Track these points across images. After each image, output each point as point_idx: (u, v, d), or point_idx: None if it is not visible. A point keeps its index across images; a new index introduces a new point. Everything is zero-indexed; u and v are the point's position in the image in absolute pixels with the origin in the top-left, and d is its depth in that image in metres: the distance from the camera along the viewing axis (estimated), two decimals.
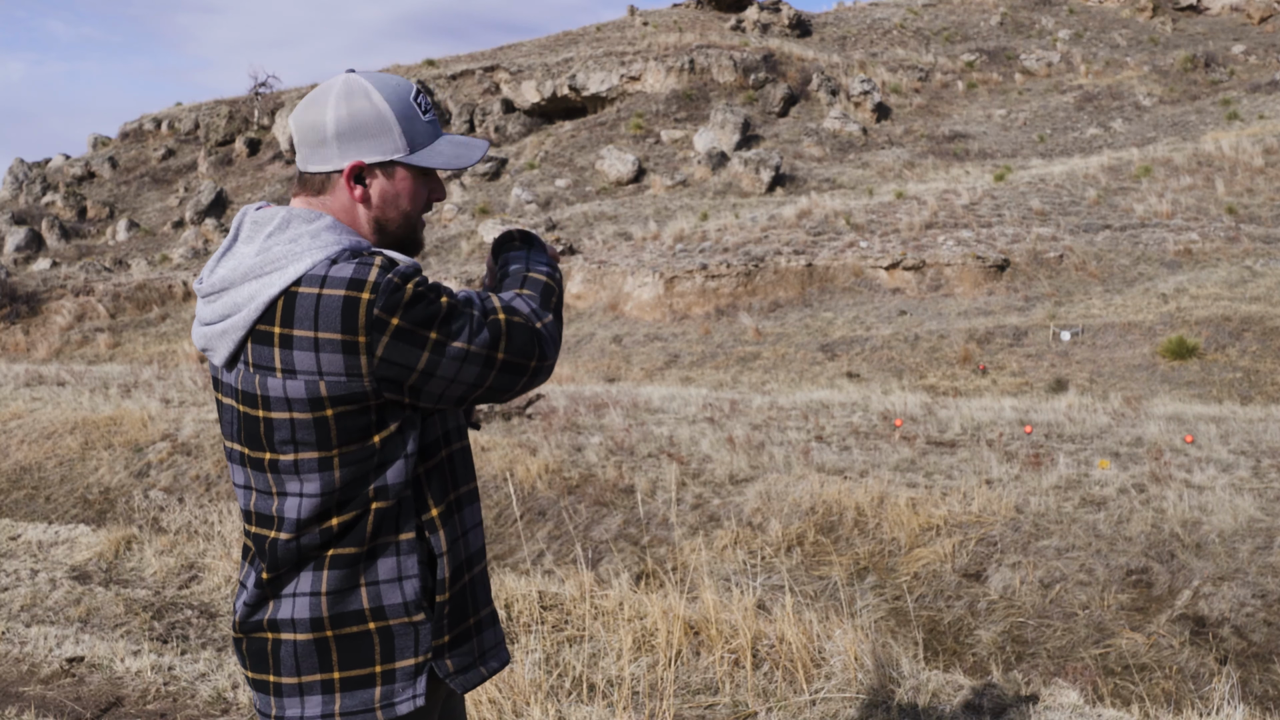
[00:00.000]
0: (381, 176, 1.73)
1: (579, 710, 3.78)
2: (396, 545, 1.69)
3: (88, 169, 50.26)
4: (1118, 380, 17.45)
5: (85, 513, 10.15)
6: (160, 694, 4.26)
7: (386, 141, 1.71)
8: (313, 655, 1.67)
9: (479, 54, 55.18)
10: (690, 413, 11.77)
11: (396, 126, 1.71)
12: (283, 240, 1.66)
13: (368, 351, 1.59)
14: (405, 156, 1.72)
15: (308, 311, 1.60)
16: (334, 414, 1.63)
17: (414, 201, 1.76)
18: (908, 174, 37.53)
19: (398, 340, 1.59)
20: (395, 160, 1.72)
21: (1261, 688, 5.31)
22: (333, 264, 1.62)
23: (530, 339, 1.67)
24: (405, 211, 1.76)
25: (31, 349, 29.69)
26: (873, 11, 58.91)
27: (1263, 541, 6.48)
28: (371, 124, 1.69)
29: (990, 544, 6.87)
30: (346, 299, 1.58)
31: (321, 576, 1.68)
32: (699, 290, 25.48)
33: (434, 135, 1.76)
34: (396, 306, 1.59)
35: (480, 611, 1.79)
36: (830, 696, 3.77)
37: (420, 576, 1.69)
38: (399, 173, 1.74)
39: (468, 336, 1.62)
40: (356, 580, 1.67)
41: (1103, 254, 24.64)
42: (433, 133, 1.76)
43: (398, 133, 1.71)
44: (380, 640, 1.68)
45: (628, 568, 7.22)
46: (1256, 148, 30.85)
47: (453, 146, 1.77)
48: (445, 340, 1.61)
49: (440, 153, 1.75)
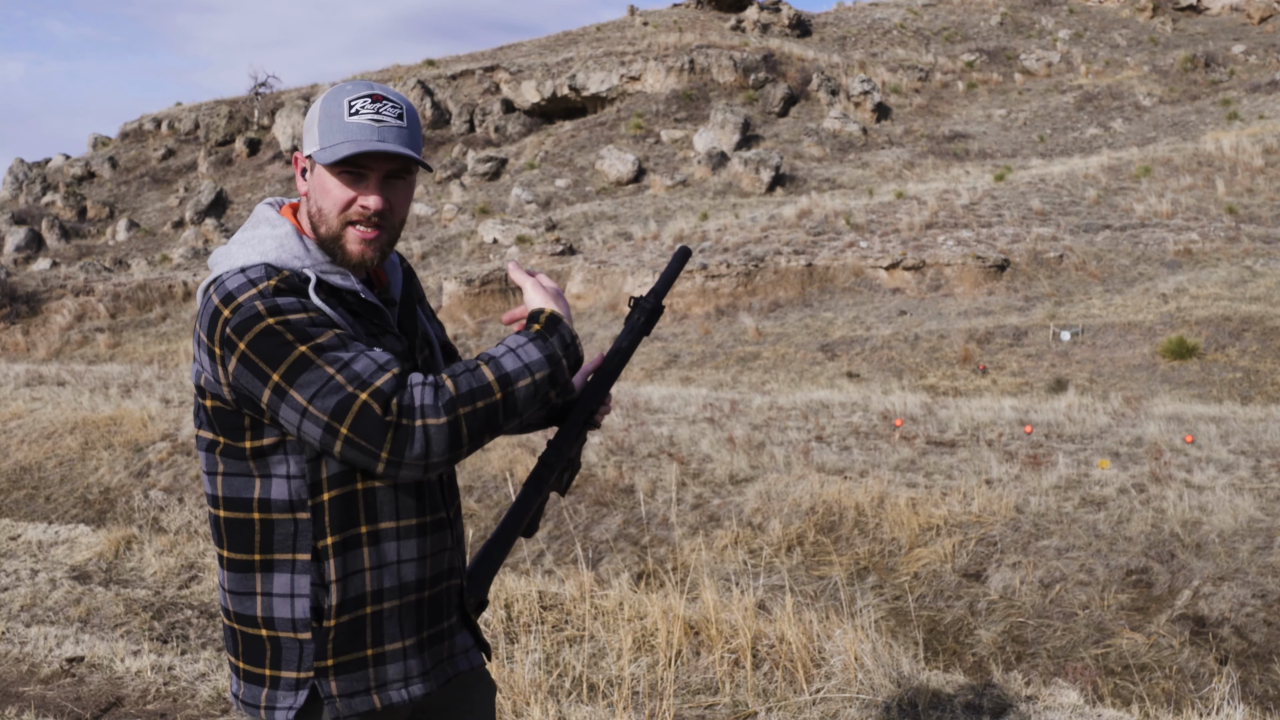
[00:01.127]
0: (312, 172, 1.76)
1: (579, 710, 3.78)
2: (292, 564, 1.72)
3: (88, 169, 50.27)
4: (1118, 380, 17.45)
5: (85, 513, 10.15)
6: (160, 694, 4.26)
7: (309, 137, 1.75)
8: (231, 639, 1.81)
9: (479, 54, 55.19)
10: (690, 413, 11.77)
11: (317, 125, 1.73)
12: (238, 240, 1.76)
13: (223, 364, 1.65)
14: (314, 151, 1.73)
15: (201, 310, 1.70)
16: (210, 405, 1.72)
17: (327, 198, 1.72)
18: (908, 174, 37.54)
19: (243, 366, 1.61)
20: (310, 155, 1.74)
21: (1261, 688, 5.31)
22: (237, 273, 1.68)
23: (381, 431, 1.56)
24: (321, 209, 1.73)
25: (31, 349, 29.70)
26: (873, 11, 58.92)
27: (1263, 541, 6.48)
28: (308, 121, 1.75)
29: (990, 544, 6.87)
30: (215, 310, 1.65)
31: (224, 575, 1.78)
32: (699, 290, 25.49)
33: (350, 135, 1.69)
34: (245, 333, 1.61)
35: (387, 644, 1.78)
36: (830, 696, 3.77)
37: (312, 597, 1.72)
38: (317, 169, 1.74)
39: (310, 395, 1.57)
40: (253, 587, 1.74)
41: (1103, 254, 24.65)
42: (352, 132, 1.69)
43: (316, 131, 1.73)
44: (270, 647, 1.75)
45: (628, 568, 7.22)
46: (1256, 148, 30.85)
47: (348, 146, 1.69)
48: (286, 388, 1.59)
49: (332, 151, 1.69)
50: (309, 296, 1.66)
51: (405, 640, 1.80)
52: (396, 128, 1.71)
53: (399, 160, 1.73)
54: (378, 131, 1.69)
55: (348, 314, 1.72)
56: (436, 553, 1.85)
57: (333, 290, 1.72)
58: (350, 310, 1.73)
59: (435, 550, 1.85)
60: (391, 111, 1.71)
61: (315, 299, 1.67)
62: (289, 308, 1.62)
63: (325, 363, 1.58)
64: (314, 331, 1.61)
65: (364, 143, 1.68)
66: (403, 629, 1.79)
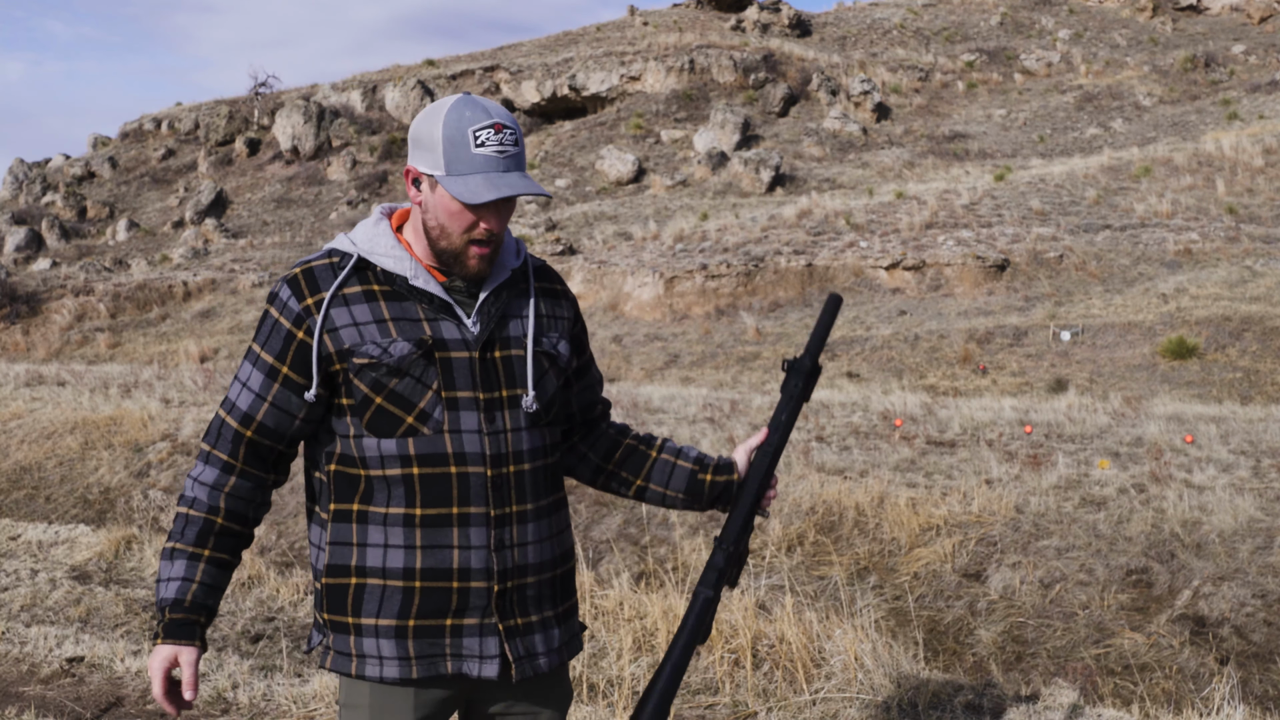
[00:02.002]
0: (428, 186, 1.86)
1: (579, 710, 3.78)
2: (318, 519, 1.95)
3: (88, 169, 50.26)
4: (1118, 380, 17.45)
5: (85, 513, 10.15)
6: None
7: (430, 157, 1.84)
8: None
9: (479, 54, 55.20)
10: (690, 413, 11.77)
11: (440, 146, 1.82)
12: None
13: None
14: (440, 175, 1.83)
15: None
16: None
17: (452, 219, 1.84)
18: (908, 174, 37.54)
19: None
20: (433, 175, 1.84)
21: (1261, 688, 5.31)
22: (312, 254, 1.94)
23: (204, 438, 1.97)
24: (442, 225, 1.85)
25: (31, 349, 29.70)
26: (873, 11, 58.92)
27: (1263, 541, 6.48)
28: (424, 138, 1.85)
29: (990, 544, 6.87)
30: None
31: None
32: (699, 290, 25.49)
33: (478, 167, 1.80)
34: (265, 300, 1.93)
35: (364, 618, 1.89)
36: (830, 696, 3.77)
37: (328, 555, 1.92)
38: (439, 189, 1.84)
39: (233, 380, 1.94)
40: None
41: (1103, 254, 24.65)
42: (480, 164, 1.81)
43: (439, 152, 1.82)
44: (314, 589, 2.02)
45: (628, 568, 7.22)
46: (1256, 148, 30.86)
47: (482, 183, 1.81)
48: (245, 355, 1.93)
49: (464, 184, 1.81)
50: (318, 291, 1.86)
51: (381, 620, 1.86)
52: (517, 156, 1.84)
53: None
54: (503, 163, 1.82)
55: (389, 298, 1.87)
56: (437, 547, 1.85)
57: (386, 274, 1.88)
58: (395, 294, 1.87)
59: (434, 544, 1.85)
60: (511, 139, 1.83)
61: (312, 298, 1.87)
62: (289, 294, 1.88)
63: (247, 361, 1.92)
64: (262, 332, 1.90)
65: (499, 183, 1.81)
66: (382, 609, 1.87)
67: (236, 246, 39.22)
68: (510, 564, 1.89)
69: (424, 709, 1.91)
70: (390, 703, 1.89)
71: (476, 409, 1.87)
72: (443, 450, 1.85)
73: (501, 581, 1.88)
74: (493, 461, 1.87)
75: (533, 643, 1.92)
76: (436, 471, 1.85)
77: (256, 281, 32.67)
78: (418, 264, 1.88)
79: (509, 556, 1.89)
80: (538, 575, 1.93)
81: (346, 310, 1.85)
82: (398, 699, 1.89)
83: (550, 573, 1.96)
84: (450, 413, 1.85)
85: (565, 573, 2.02)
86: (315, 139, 47.30)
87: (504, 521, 1.88)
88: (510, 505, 1.89)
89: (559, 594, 1.99)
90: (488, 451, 1.87)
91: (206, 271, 34.45)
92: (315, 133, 47.34)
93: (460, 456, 1.86)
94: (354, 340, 1.84)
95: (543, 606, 1.95)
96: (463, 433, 1.86)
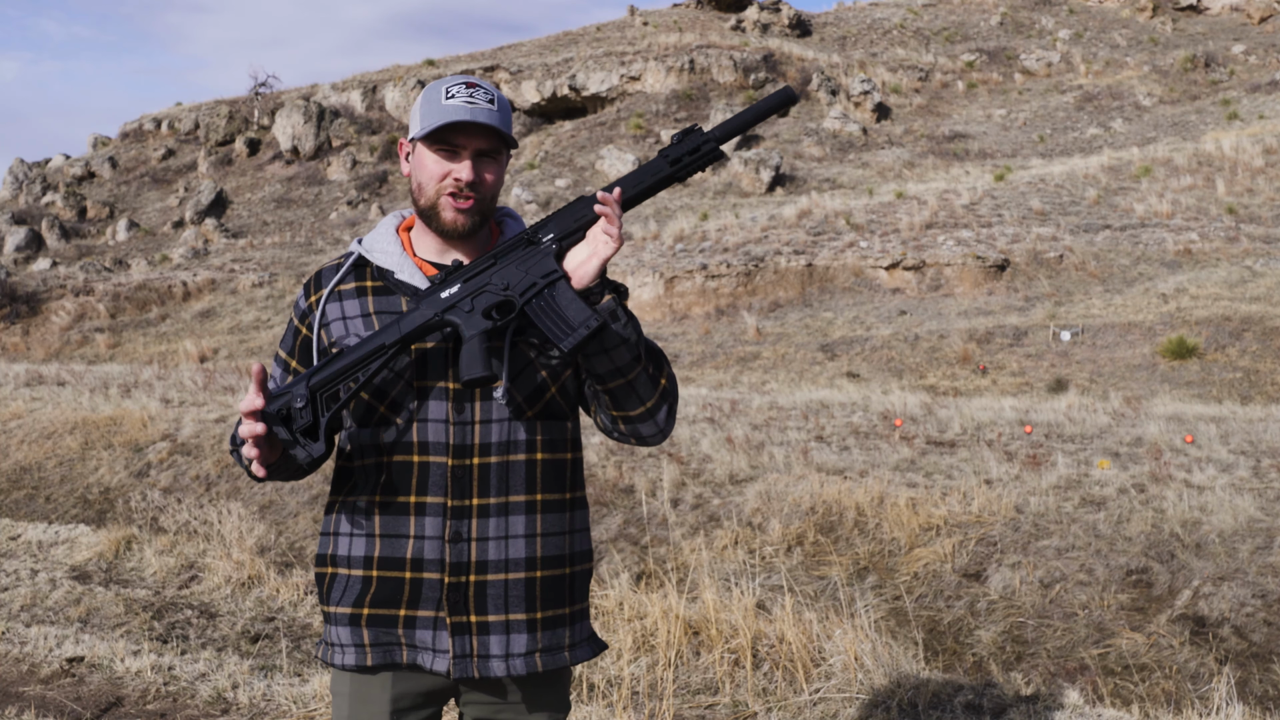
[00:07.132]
0: (410, 151, 1.95)
1: (579, 710, 3.78)
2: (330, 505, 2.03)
3: (88, 169, 50.25)
4: (1118, 380, 17.45)
5: (85, 513, 10.15)
6: (160, 694, 4.26)
7: (413, 125, 1.93)
8: None
9: (479, 54, 55.17)
10: (690, 413, 11.77)
11: (419, 111, 1.91)
12: None
13: None
14: (416, 134, 1.90)
15: None
16: None
17: (424, 172, 1.89)
18: (908, 174, 37.53)
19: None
20: (414, 138, 1.91)
21: (1261, 688, 5.31)
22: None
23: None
24: (420, 183, 1.90)
25: (31, 349, 29.69)
26: (873, 11, 58.90)
27: (1263, 541, 6.48)
28: (413, 111, 1.95)
29: (990, 544, 6.87)
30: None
31: None
32: (699, 290, 25.49)
33: (447, 114, 1.85)
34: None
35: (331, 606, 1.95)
36: (830, 696, 3.77)
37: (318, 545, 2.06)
38: (418, 148, 1.91)
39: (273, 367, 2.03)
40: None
41: (1103, 254, 24.65)
42: (448, 112, 1.85)
43: (418, 116, 1.91)
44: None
45: (628, 568, 7.22)
46: (1256, 148, 30.85)
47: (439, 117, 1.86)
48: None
49: (427, 124, 1.87)
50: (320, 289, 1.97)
51: (339, 607, 1.91)
52: (487, 109, 1.87)
53: (489, 139, 1.87)
54: (470, 111, 1.85)
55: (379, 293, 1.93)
56: (393, 536, 1.86)
57: (379, 270, 1.95)
58: (385, 289, 1.94)
59: (391, 533, 1.86)
60: (484, 96, 1.87)
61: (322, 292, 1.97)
62: (296, 302, 2.02)
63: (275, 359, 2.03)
64: (286, 330, 2.02)
65: (454, 112, 1.84)
66: (343, 597, 1.91)
67: (236, 246, 39.22)
68: (466, 558, 1.83)
69: (402, 700, 1.91)
70: (368, 691, 1.91)
71: (446, 399, 1.86)
72: (409, 439, 1.86)
73: (454, 575, 1.83)
74: (455, 451, 1.84)
75: (486, 643, 1.84)
76: (402, 460, 1.87)
77: (256, 281, 32.67)
78: (406, 258, 1.93)
79: (465, 550, 1.83)
80: (502, 574, 1.84)
81: (339, 305, 1.93)
82: (375, 688, 1.90)
83: (523, 573, 1.86)
84: (420, 402, 1.86)
85: (552, 577, 1.90)
86: (315, 139, 47.30)
87: (462, 514, 1.83)
88: (471, 498, 1.84)
89: (543, 598, 1.88)
90: (451, 441, 1.84)
91: (206, 271, 34.46)
92: (315, 133, 47.33)
93: (424, 445, 1.86)
94: (340, 333, 1.91)
95: (509, 608, 1.85)
96: (429, 422, 1.86)
